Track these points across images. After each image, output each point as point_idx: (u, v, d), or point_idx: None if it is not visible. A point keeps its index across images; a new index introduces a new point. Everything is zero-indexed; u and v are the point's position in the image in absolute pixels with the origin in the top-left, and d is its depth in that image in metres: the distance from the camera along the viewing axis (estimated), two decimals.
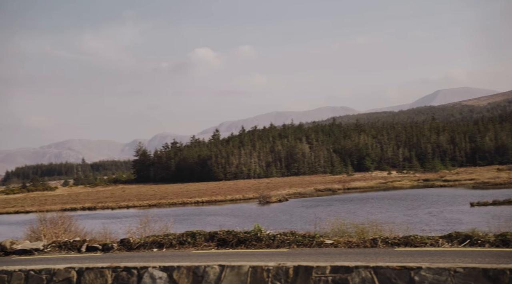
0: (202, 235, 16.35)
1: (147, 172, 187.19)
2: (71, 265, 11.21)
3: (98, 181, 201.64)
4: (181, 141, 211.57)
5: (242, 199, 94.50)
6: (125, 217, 65.20)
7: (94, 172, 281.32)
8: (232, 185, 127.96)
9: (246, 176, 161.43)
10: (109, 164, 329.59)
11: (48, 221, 29.82)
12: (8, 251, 16.35)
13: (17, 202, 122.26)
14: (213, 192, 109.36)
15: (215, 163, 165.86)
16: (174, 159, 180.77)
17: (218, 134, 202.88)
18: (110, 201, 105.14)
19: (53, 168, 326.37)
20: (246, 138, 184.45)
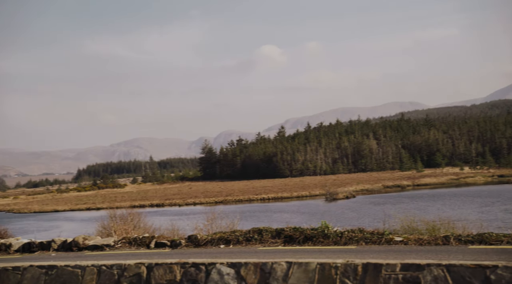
0: (268, 232, 16.28)
1: (213, 169, 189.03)
2: (141, 260, 11.34)
3: (166, 179, 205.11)
4: (247, 138, 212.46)
5: (308, 196, 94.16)
6: (192, 214, 66.04)
7: (162, 169, 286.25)
8: (298, 182, 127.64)
9: (312, 172, 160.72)
10: (176, 162, 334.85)
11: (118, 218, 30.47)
12: (81, 246, 16.75)
13: (89, 199, 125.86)
14: (279, 189, 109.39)
15: (280, 160, 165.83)
16: (239, 156, 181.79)
17: (284, 131, 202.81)
18: (177, 198, 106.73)
19: (122, 166, 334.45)
20: (312, 135, 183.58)
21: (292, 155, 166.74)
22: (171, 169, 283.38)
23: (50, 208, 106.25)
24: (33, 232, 49.71)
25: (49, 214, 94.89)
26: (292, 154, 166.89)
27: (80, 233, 20.56)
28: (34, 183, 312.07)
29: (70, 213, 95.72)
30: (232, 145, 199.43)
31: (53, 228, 63.23)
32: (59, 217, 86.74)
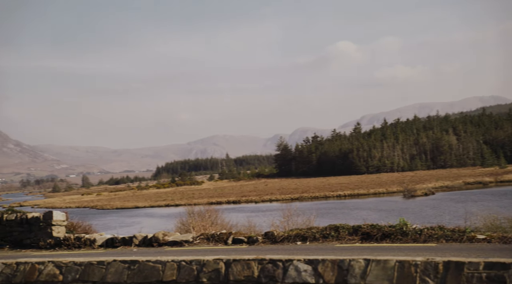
0: (345, 229, 16.16)
1: (289, 166, 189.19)
2: (219, 256, 11.50)
3: (242, 176, 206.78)
4: (322, 135, 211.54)
5: (385, 193, 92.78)
6: (268, 211, 66.30)
7: (238, 166, 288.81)
8: (374, 179, 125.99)
9: (389, 169, 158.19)
10: (252, 159, 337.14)
11: (196, 214, 31.01)
12: (161, 242, 17.16)
13: (167, 195, 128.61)
14: (355, 185, 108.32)
15: (356, 157, 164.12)
16: (315, 153, 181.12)
17: (360, 127, 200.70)
18: (253, 194, 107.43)
19: (199, 163, 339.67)
20: (389, 131, 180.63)
21: (369, 151, 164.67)
22: (247, 166, 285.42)
23: (131, 205, 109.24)
24: (116, 228, 51.26)
25: (130, 211, 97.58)
26: (369, 151, 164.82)
27: (160, 229, 21.04)
28: (116, 180, 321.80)
29: (150, 209, 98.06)
30: (307, 142, 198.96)
31: (134, 224, 64.99)
32: (140, 213, 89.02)
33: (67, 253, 16.63)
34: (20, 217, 18.52)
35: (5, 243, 18.49)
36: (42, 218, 18.28)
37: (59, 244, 18.01)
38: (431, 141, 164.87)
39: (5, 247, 18.41)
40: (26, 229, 18.41)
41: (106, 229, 48.75)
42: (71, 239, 18.02)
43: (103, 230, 39.54)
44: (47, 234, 18.14)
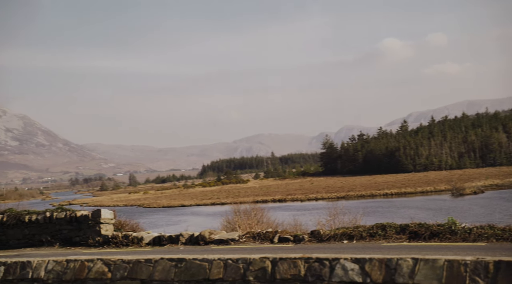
0: (392, 228, 15.96)
1: (334, 165, 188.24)
2: (265, 255, 11.48)
3: (287, 174, 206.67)
4: (368, 133, 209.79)
5: (433, 191, 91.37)
6: (314, 209, 66.08)
7: (283, 165, 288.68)
8: (422, 177, 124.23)
9: (436, 167, 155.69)
10: (297, 157, 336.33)
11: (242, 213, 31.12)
12: (207, 240, 17.24)
13: (213, 194, 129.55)
14: (402, 184, 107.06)
15: (403, 155, 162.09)
16: (361, 151, 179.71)
17: (406, 125, 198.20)
18: (299, 193, 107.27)
19: (244, 162, 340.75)
20: (436, 129, 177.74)
21: (416, 149, 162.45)
22: (292, 165, 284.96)
23: (177, 203, 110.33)
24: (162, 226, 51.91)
25: (177, 209, 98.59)
26: (416, 149, 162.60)
27: (206, 227, 21.15)
28: (162, 178, 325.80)
29: (196, 208, 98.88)
30: (353, 140, 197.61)
31: (181, 222, 65.61)
32: (186, 211, 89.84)
33: (115, 251, 16.88)
34: (69, 216, 18.87)
35: (55, 241, 18.87)
36: (90, 217, 18.59)
37: (107, 242, 18.29)
38: (480, 138, 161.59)
39: (55, 244, 18.79)
40: (75, 227, 18.76)
41: (153, 227, 49.35)
42: (119, 237, 18.28)
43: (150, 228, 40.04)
44: (96, 232, 18.44)
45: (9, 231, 19.28)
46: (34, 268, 13.37)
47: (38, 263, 13.44)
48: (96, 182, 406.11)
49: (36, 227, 19.10)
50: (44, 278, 13.16)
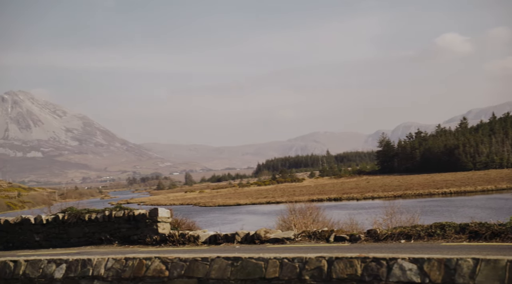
0: (452, 227, 15.64)
1: (391, 163, 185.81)
2: (321, 254, 11.41)
3: (343, 173, 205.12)
4: (426, 130, 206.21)
5: (494, 190, 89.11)
6: (370, 208, 65.42)
7: (339, 163, 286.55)
8: (482, 175, 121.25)
9: (498, 165, 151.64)
10: (353, 155, 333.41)
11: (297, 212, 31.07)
12: (263, 239, 17.26)
13: (268, 193, 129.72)
14: (462, 182, 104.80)
15: (462, 153, 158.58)
16: (418, 149, 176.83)
17: (466, 122, 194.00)
18: (354, 192, 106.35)
19: (299, 160, 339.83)
20: (498, 126, 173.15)
21: (476, 147, 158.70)
22: (348, 163, 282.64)
23: (233, 202, 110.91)
24: (218, 225, 52.34)
25: (232, 208, 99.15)
26: (476, 146, 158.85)
27: (261, 226, 21.17)
28: (217, 177, 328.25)
29: (251, 206, 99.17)
30: (410, 138, 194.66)
31: (236, 221, 65.93)
32: (241, 210, 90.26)
33: (172, 249, 17.08)
34: (127, 214, 19.20)
35: (114, 239, 19.24)
36: (148, 215, 18.87)
37: (164, 241, 18.53)
38: None
39: (114, 243, 19.16)
40: (133, 225, 19.07)
41: (208, 226, 49.81)
42: (175, 235, 18.49)
43: (206, 227, 40.41)
44: (153, 230, 18.71)
45: (70, 229, 19.76)
46: (94, 265, 13.67)
47: (98, 261, 13.73)
48: (153, 181, 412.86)
49: (96, 225, 19.52)
50: (104, 275, 13.43)
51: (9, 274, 14.45)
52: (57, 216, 20.05)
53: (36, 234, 19.99)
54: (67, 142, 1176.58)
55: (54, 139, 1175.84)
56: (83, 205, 29.01)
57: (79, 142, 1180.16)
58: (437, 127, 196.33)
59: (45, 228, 19.99)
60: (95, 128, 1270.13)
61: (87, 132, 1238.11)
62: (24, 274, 14.29)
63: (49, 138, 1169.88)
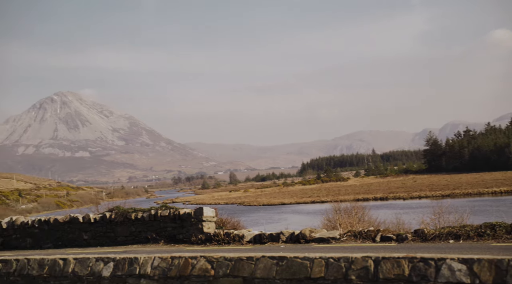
0: (502, 227, 15.29)
1: (439, 162, 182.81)
2: (367, 254, 11.27)
3: (389, 172, 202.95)
4: (474, 128, 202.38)
5: None
6: (417, 208, 64.41)
7: (384, 162, 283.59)
8: None
9: None
10: (399, 154, 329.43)
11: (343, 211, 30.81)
12: (308, 239, 17.17)
13: (313, 192, 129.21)
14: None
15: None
16: (467, 148, 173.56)
17: None
18: (401, 191, 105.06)
19: (344, 159, 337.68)
20: None
21: None
22: (394, 162, 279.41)
23: (277, 201, 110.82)
24: (263, 224, 52.34)
25: (276, 207, 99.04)
26: None
27: (306, 226, 21.08)
28: (262, 177, 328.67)
29: (296, 206, 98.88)
30: (459, 137, 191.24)
31: (281, 220, 65.85)
32: (286, 210, 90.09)
33: (217, 248, 17.14)
34: (173, 213, 19.35)
35: (160, 238, 19.42)
36: (193, 214, 18.98)
37: (209, 240, 18.61)
38: None
39: (160, 241, 19.33)
40: (178, 224, 19.21)
41: (253, 225, 49.90)
42: (220, 234, 18.55)
43: (251, 226, 40.47)
44: (198, 229, 18.80)
45: (117, 228, 20.02)
46: (141, 264, 13.80)
47: (144, 259, 13.87)
48: (198, 180, 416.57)
49: (142, 224, 19.73)
50: (150, 274, 13.55)
51: (58, 272, 14.73)
52: (105, 215, 20.34)
53: (84, 232, 20.34)
54: (114, 142, 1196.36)
55: (101, 139, 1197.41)
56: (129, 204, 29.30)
57: (126, 142, 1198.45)
58: (486, 125, 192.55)
59: (92, 227, 20.31)
60: (141, 128, 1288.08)
61: (133, 132, 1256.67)
62: (73, 272, 14.54)
63: (97, 138, 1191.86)
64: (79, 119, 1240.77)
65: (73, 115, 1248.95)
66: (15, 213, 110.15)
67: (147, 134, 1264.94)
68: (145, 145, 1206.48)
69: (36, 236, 20.85)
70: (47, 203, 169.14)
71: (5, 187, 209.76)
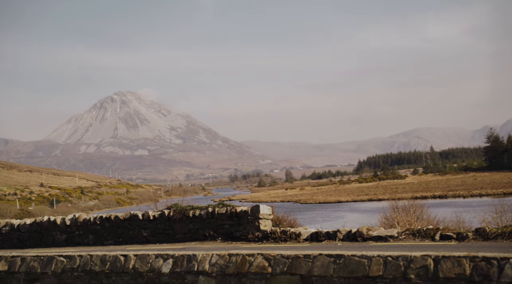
0: None
1: (500, 159, 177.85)
2: (427, 253, 11.10)
3: (448, 169, 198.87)
4: None
5: None
6: (478, 206, 62.94)
7: (443, 160, 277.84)
8: None
9: None
10: (458, 152, 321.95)
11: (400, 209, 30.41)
12: (365, 237, 17.01)
13: (370, 190, 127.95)
14: None
15: None
16: None
17: None
18: (461, 189, 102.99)
19: (402, 157, 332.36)
20: None
21: None
22: (453, 160, 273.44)
23: (334, 199, 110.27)
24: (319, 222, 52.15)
25: (333, 205, 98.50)
26: None
27: (362, 224, 20.89)
28: (318, 174, 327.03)
29: (352, 204, 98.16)
30: None
31: (337, 218, 65.51)
32: (342, 208, 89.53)
33: (273, 246, 17.17)
34: (230, 211, 19.48)
35: (217, 236, 19.58)
36: (250, 212, 19.06)
37: (266, 237, 18.66)
38: None
39: (217, 239, 19.50)
40: (235, 222, 19.32)
41: (309, 223, 49.73)
42: (277, 232, 18.58)
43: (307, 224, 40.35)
44: (255, 227, 18.88)
45: (175, 225, 20.29)
46: (199, 261, 13.98)
47: (202, 256, 14.03)
48: (254, 178, 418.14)
49: (200, 222, 19.94)
50: (208, 271, 13.71)
51: (120, 268, 15.07)
52: (163, 212, 20.65)
53: (143, 229, 20.69)
54: (172, 141, 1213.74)
55: (160, 138, 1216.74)
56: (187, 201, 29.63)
57: (183, 140, 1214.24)
58: None
59: (152, 224, 20.65)
60: (197, 126, 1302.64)
61: (190, 130, 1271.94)
62: (133, 268, 14.85)
63: (155, 137, 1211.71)
64: (138, 118, 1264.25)
65: (132, 114, 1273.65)
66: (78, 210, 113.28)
67: (204, 133, 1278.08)
68: (202, 143, 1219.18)
69: (98, 233, 21.34)
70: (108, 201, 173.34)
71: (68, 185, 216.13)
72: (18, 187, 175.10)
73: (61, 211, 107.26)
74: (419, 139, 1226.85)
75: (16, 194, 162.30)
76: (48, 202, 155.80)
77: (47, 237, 21.98)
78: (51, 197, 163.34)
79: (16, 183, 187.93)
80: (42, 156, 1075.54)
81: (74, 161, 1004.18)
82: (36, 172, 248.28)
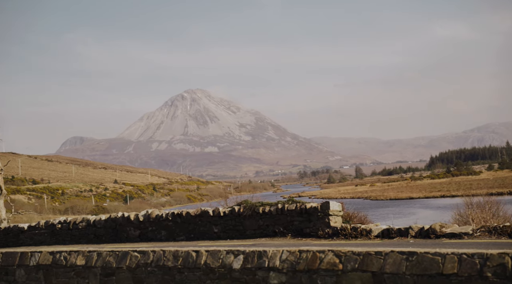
0: None
1: None
2: (504, 250, 10.77)
3: None
4: None
5: None
6: None
7: None
8: None
9: None
10: None
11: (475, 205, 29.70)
12: (438, 234, 16.65)
13: (442, 186, 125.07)
14: None
15: None
16: None
17: None
18: None
19: (476, 152, 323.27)
20: None
21: None
22: None
23: (405, 195, 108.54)
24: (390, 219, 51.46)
25: (404, 201, 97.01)
26: None
27: (435, 221, 20.47)
28: (388, 170, 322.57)
29: (424, 200, 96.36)
30: None
31: (409, 215, 64.50)
32: (414, 204, 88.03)
33: (344, 243, 17.05)
34: (299, 207, 19.44)
35: (287, 232, 19.58)
36: (319, 209, 18.96)
37: (336, 234, 18.54)
38: None
39: (287, 235, 19.50)
40: (305, 218, 19.27)
41: (380, 219, 49.15)
42: (347, 229, 18.42)
43: (378, 220, 39.91)
44: (325, 223, 18.78)
45: (246, 221, 20.42)
46: (269, 257, 14.04)
47: (273, 252, 14.09)
48: (323, 174, 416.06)
49: (269, 218, 19.99)
50: (279, 267, 13.75)
51: (192, 264, 15.32)
52: (233, 208, 20.82)
53: (214, 225, 20.92)
54: (241, 137, 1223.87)
55: (229, 135, 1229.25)
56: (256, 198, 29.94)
57: (252, 137, 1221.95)
58: None
59: (222, 220, 20.85)
60: (266, 123, 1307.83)
61: (259, 127, 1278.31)
62: (205, 263, 15.07)
63: (224, 134, 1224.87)
64: (208, 115, 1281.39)
65: (202, 111, 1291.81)
66: (150, 206, 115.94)
67: (272, 129, 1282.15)
68: (271, 140, 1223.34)
69: (170, 229, 21.71)
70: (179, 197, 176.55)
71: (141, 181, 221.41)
72: (94, 184, 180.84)
73: (134, 207, 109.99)
74: (494, 134, 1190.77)
75: (92, 190, 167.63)
76: (122, 199, 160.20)
77: (122, 232, 22.55)
78: (125, 194, 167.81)
79: (91, 180, 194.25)
80: (116, 153, 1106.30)
81: (146, 158, 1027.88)
82: (110, 169, 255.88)
